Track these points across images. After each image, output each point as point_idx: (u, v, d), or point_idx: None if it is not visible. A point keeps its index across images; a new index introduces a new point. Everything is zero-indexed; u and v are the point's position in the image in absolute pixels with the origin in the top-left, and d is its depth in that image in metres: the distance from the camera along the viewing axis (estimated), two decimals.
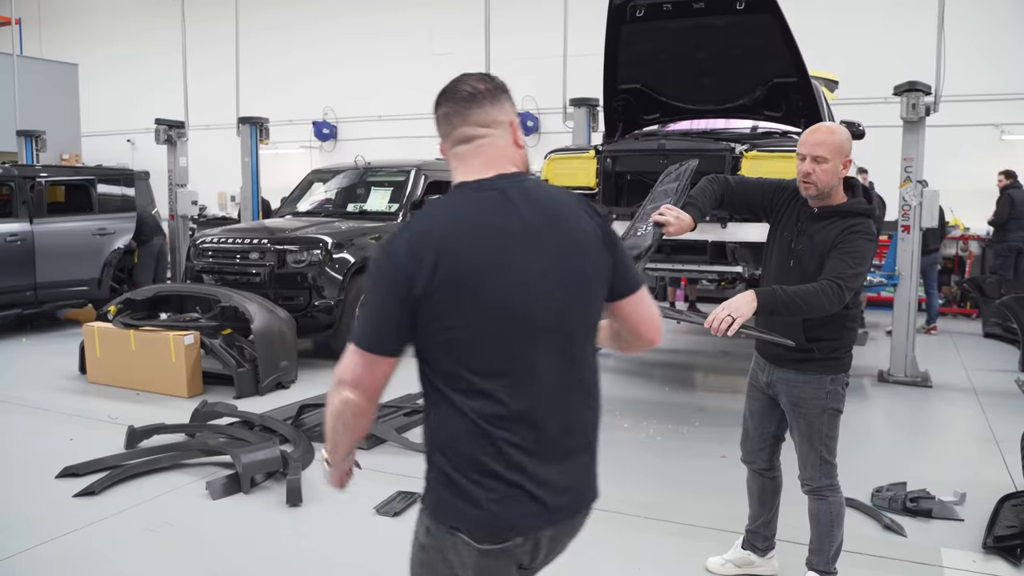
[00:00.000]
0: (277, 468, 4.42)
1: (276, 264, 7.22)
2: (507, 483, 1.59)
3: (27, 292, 8.72)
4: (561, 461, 1.64)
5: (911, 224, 6.87)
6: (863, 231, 2.78)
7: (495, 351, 1.59)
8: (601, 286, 1.70)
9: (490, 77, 1.74)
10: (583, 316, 1.68)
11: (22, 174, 8.89)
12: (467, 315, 1.57)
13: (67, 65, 16.28)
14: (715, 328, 2.56)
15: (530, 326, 1.60)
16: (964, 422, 5.80)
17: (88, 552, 3.62)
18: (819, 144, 2.79)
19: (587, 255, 1.67)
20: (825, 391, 2.92)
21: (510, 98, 1.74)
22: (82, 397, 6.31)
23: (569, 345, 1.65)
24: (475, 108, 1.69)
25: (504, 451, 1.58)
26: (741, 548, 3.39)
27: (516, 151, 1.73)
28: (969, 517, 3.96)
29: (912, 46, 9.46)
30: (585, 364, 1.70)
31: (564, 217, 1.66)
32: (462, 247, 1.57)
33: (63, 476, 4.44)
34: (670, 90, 6.01)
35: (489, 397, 1.58)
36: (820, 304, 2.65)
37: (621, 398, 6.41)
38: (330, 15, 15.97)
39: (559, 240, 1.64)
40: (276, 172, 14.67)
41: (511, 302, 1.58)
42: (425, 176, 8.72)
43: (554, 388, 1.63)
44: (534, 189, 1.68)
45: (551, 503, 1.62)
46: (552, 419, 1.63)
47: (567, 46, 8.39)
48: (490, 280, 1.57)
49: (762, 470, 3.23)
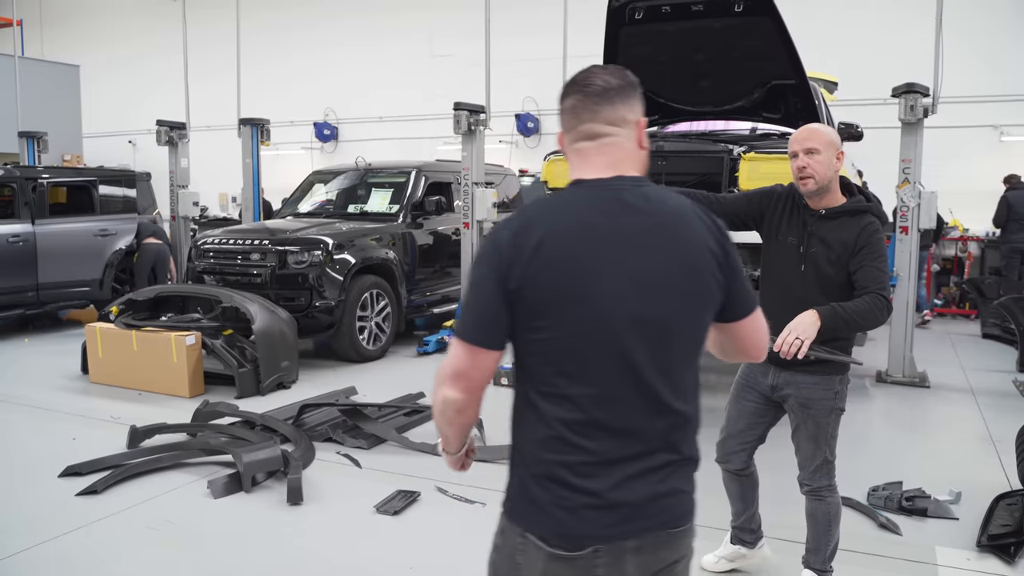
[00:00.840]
0: (278, 467, 4.45)
1: (277, 265, 7.25)
2: (583, 492, 1.53)
3: (29, 293, 8.75)
4: (643, 475, 1.56)
5: (909, 225, 6.90)
6: (877, 229, 2.86)
7: (582, 356, 1.52)
8: (711, 305, 1.61)
9: (623, 71, 1.63)
10: (684, 334, 1.58)
11: (24, 175, 8.92)
12: (557, 314, 1.51)
13: (68, 66, 16.34)
14: (785, 352, 2.61)
15: (621, 336, 1.51)
16: (961, 422, 5.83)
17: (90, 551, 3.65)
18: (808, 138, 2.85)
19: (700, 272, 1.57)
20: (834, 391, 2.94)
21: (640, 96, 1.64)
22: (84, 397, 6.34)
23: (664, 361, 1.55)
24: (605, 104, 1.59)
25: (582, 459, 1.54)
26: (731, 543, 3.42)
27: (640, 153, 1.64)
28: (964, 516, 3.99)
29: (911, 48, 9.50)
30: (679, 382, 1.59)
31: (683, 229, 1.57)
32: (565, 243, 1.51)
33: (65, 475, 4.47)
34: (669, 92, 6.03)
35: (572, 403, 1.53)
36: (876, 318, 2.73)
37: None
38: (330, 17, 16.01)
39: (672, 253, 1.55)
40: (277, 173, 14.73)
41: (605, 308, 1.50)
42: (426, 177, 8.75)
43: (640, 402, 1.55)
44: (655, 195, 1.59)
45: (627, 515, 1.55)
46: (634, 432, 1.55)
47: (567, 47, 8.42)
48: (587, 281, 1.50)
49: (737, 471, 3.22)
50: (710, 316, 1.62)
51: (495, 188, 9.00)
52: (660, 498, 1.58)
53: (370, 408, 5.43)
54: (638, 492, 1.55)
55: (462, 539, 3.76)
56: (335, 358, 7.52)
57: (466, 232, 8.34)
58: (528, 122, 14.08)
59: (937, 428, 5.86)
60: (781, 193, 3.04)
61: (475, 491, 4.31)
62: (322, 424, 5.26)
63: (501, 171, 10.70)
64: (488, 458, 4.82)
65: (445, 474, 3.72)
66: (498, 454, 4.86)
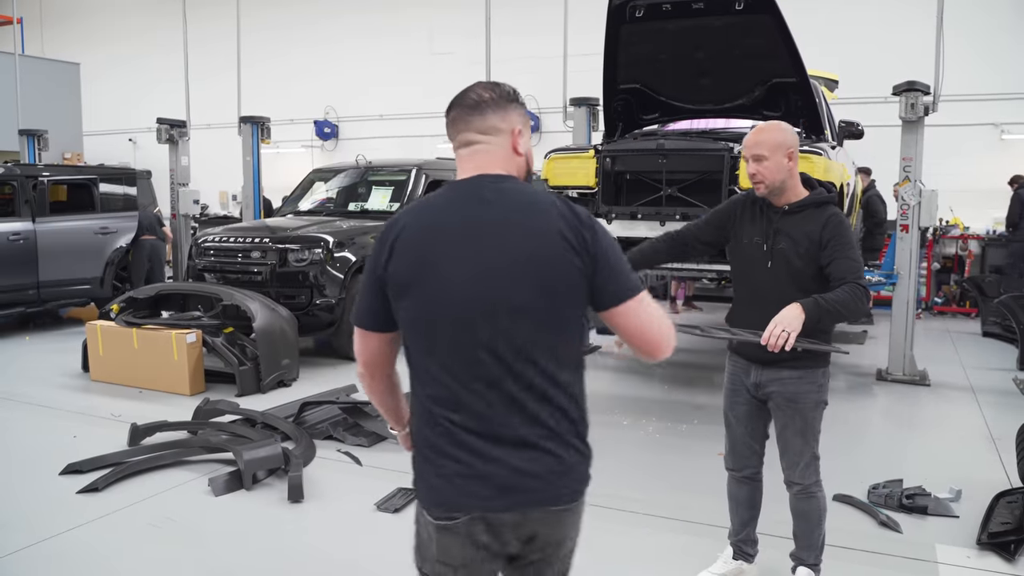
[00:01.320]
0: (279, 465, 4.46)
1: (278, 263, 7.25)
2: (455, 460, 1.68)
3: (30, 291, 8.76)
4: (517, 448, 1.68)
5: (909, 223, 6.90)
6: (843, 219, 2.89)
7: (435, 336, 1.69)
8: (567, 290, 1.69)
9: (498, 86, 1.82)
10: (534, 316, 1.68)
11: (24, 173, 8.93)
12: (411, 298, 1.70)
13: (69, 64, 16.34)
14: (772, 344, 2.62)
15: (467, 318, 1.67)
16: (961, 420, 5.83)
17: (91, 548, 3.65)
18: (755, 144, 2.89)
19: (551, 258, 1.67)
20: (818, 384, 2.96)
21: (518, 107, 1.82)
22: (85, 395, 6.35)
23: (517, 341, 1.67)
24: (477, 116, 1.78)
25: (450, 431, 1.69)
26: (732, 559, 3.33)
27: (514, 157, 1.81)
28: (964, 514, 3.99)
29: (911, 46, 9.49)
30: (540, 362, 1.69)
31: (532, 219, 1.70)
32: (415, 236, 1.71)
33: (66, 473, 4.48)
34: (670, 90, 6.03)
35: (435, 379, 1.70)
36: (858, 308, 2.75)
37: (620, 396, 6.45)
38: (330, 15, 16.01)
39: (520, 241, 1.67)
40: (278, 171, 14.72)
41: (449, 292, 1.67)
42: (426, 175, 8.75)
43: (496, 381, 1.67)
44: (511, 190, 1.74)
45: (500, 485, 1.67)
46: (498, 408, 1.67)
47: (567, 46, 8.42)
48: (434, 271, 1.68)
49: (753, 475, 3.19)
50: (570, 300, 1.71)
51: None
52: (531, 475, 1.68)
53: (371, 406, 5.44)
54: (507, 466, 1.67)
55: None
56: (336, 356, 7.53)
57: None
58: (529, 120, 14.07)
59: (937, 426, 5.86)
60: (739, 200, 3.09)
61: None
62: (323, 422, 5.26)
63: None
64: None
65: None
66: None
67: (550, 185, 5.87)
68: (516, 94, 1.84)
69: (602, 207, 5.68)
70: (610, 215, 5.67)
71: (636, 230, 5.64)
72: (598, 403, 6.33)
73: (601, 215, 5.70)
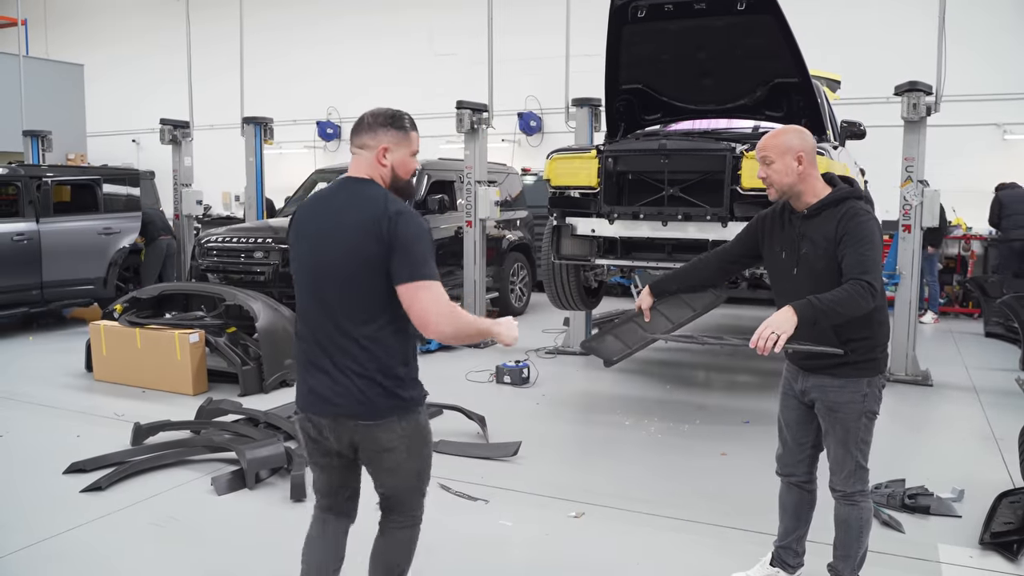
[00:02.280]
0: (282, 464, 4.46)
1: (280, 263, 7.27)
2: (301, 378, 2.51)
3: (33, 291, 8.77)
4: (328, 373, 2.40)
5: (912, 224, 6.89)
6: (859, 212, 2.78)
7: (299, 289, 2.49)
8: (370, 263, 2.33)
9: (380, 114, 2.49)
10: (347, 275, 2.36)
11: (28, 174, 8.94)
12: (292, 263, 2.55)
13: (72, 66, 16.35)
14: (761, 348, 2.58)
15: (309, 277, 2.45)
16: (964, 420, 5.82)
17: (93, 547, 3.66)
18: (762, 148, 2.88)
19: (362, 237, 2.33)
20: (862, 394, 2.86)
21: (391, 129, 2.47)
22: (88, 394, 6.36)
23: (340, 294, 2.38)
24: (355, 134, 2.50)
25: (299, 357, 2.51)
26: (770, 565, 3.26)
27: (377, 167, 2.47)
28: (967, 514, 3.98)
29: (914, 46, 9.48)
30: (343, 311, 2.38)
31: (361, 209, 2.37)
32: (299, 215, 2.55)
33: (70, 472, 4.49)
34: (672, 90, 6.03)
35: (300, 319, 2.52)
36: (856, 304, 2.65)
37: (623, 396, 6.45)
38: (332, 16, 16.02)
39: (350, 222, 2.37)
40: (280, 172, 14.74)
41: (303, 255, 2.48)
42: (428, 176, 8.77)
43: (322, 320, 2.41)
44: (357, 189, 2.45)
45: (319, 399, 2.43)
46: (319, 341, 2.42)
47: (569, 46, 8.41)
48: (301, 241, 2.50)
49: (801, 483, 3.13)
50: (372, 269, 2.34)
51: (498, 186, 9.02)
52: (344, 394, 2.38)
53: None
54: (326, 385, 2.40)
55: (463, 536, 3.77)
56: None
57: (468, 230, 8.36)
58: (531, 121, 14.08)
59: (940, 426, 5.86)
60: (767, 212, 3.08)
61: (478, 488, 4.32)
62: None
63: (504, 169, 10.71)
64: (491, 455, 4.84)
65: (447, 471, 3.73)
66: (501, 451, 4.88)
67: (552, 185, 5.87)
68: (394, 120, 2.49)
69: (604, 207, 5.69)
70: (612, 215, 5.67)
71: (638, 230, 5.65)
72: (600, 403, 6.34)
73: (603, 215, 5.70)
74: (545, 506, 4.14)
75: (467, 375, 6.87)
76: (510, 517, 3.99)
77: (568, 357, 7.82)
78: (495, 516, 4.00)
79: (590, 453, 5.18)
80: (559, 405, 6.19)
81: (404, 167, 2.49)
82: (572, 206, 5.86)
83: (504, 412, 5.79)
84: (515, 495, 4.29)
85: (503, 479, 4.50)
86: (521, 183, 11.25)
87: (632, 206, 5.66)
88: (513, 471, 4.66)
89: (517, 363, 6.72)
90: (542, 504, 4.17)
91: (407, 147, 2.49)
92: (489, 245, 9.21)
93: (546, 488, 4.36)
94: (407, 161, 2.50)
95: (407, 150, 2.50)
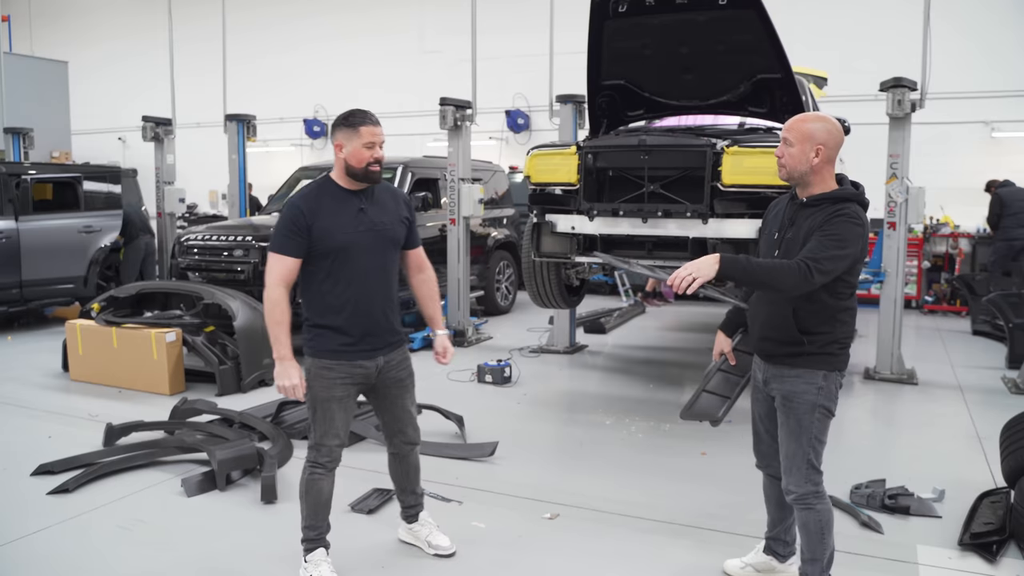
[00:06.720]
0: (253, 465, 4.39)
1: (260, 261, 7.18)
2: None
3: (13, 290, 8.67)
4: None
5: (897, 221, 6.85)
6: (848, 214, 2.73)
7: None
8: None
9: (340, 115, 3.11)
10: None
11: (7, 171, 8.84)
12: None
13: (56, 63, 16.19)
14: (676, 286, 2.59)
15: None
16: (948, 419, 5.78)
17: (59, 550, 3.59)
18: (788, 128, 2.84)
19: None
20: (817, 387, 2.83)
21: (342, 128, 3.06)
22: (64, 395, 6.27)
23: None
24: None
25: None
26: (763, 552, 3.30)
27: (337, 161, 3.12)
28: (947, 514, 3.94)
29: (902, 43, 9.44)
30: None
31: None
32: None
33: (38, 473, 4.41)
34: (654, 86, 5.97)
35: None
36: (783, 279, 2.61)
37: (605, 395, 6.39)
38: (319, 13, 15.93)
39: None
40: (268, 170, 14.65)
41: None
42: (412, 173, 8.70)
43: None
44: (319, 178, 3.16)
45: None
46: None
47: (553, 43, 8.35)
48: None
49: (779, 474, 3.09)
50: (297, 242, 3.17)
51: (483, 184, 8.95)
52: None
53: None
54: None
55: None
56: None
57: (452, 228, 8.29)
58: (518, 118, 14.00)
59: (923, 425, 5.80)
60: (776, 199, 3.08)
61: (453, 489, 4.25)
62: (301, 422, 5.18)
63: (490, 167, 10.65)
64: (468, 456, 4.77)
65: (423, 472, 3.66)
66: (478, 452, 4.81)
67: (532, 182, 5.80)
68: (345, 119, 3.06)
69: (584, 204, 5.62)
70: (592, 212, 5.60)
71: (618, 227, 5.58)
72: (582, 403, 6.28)
73: (583, 212, 5.63)
74: (520, 507, 4.08)
75: (448, 374, 6.80)
76: (484, 518, 3.92)
77: (552, 356, 7.76)
78: (468, 517, 3.93)
79: (568, 453, 5.11)
80: (540, 405, 6.12)
81: (355, 158, 3.05)
82: (552, 203, 5.79)
83: (484, 412, 5.72)
84: (490, 496, 4.23)
85: (478, 480, 4.43)
86: (508, 181, 11.19)
87: (612, 203, 5.60)
88: (489, 472, 4.60)
89: (499, 362, 6.65)
90: (517, 505, 4.10)
91: (357, 140, 3.02)
92: (475, 243, 9.15)
93: (522, 489, 4.29)
94: (358, 152, 3.03)
95: (358, 143, 3.02)
